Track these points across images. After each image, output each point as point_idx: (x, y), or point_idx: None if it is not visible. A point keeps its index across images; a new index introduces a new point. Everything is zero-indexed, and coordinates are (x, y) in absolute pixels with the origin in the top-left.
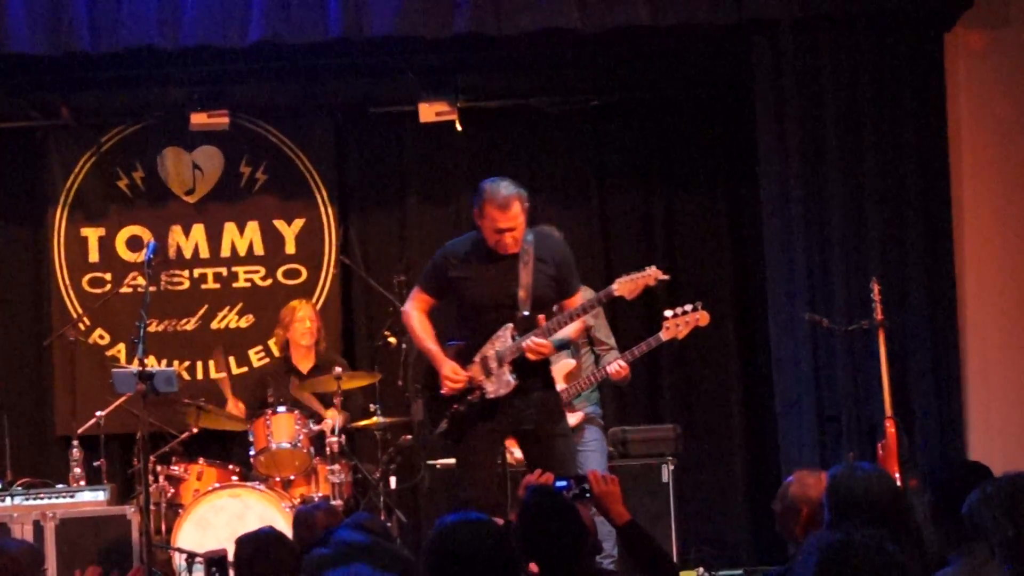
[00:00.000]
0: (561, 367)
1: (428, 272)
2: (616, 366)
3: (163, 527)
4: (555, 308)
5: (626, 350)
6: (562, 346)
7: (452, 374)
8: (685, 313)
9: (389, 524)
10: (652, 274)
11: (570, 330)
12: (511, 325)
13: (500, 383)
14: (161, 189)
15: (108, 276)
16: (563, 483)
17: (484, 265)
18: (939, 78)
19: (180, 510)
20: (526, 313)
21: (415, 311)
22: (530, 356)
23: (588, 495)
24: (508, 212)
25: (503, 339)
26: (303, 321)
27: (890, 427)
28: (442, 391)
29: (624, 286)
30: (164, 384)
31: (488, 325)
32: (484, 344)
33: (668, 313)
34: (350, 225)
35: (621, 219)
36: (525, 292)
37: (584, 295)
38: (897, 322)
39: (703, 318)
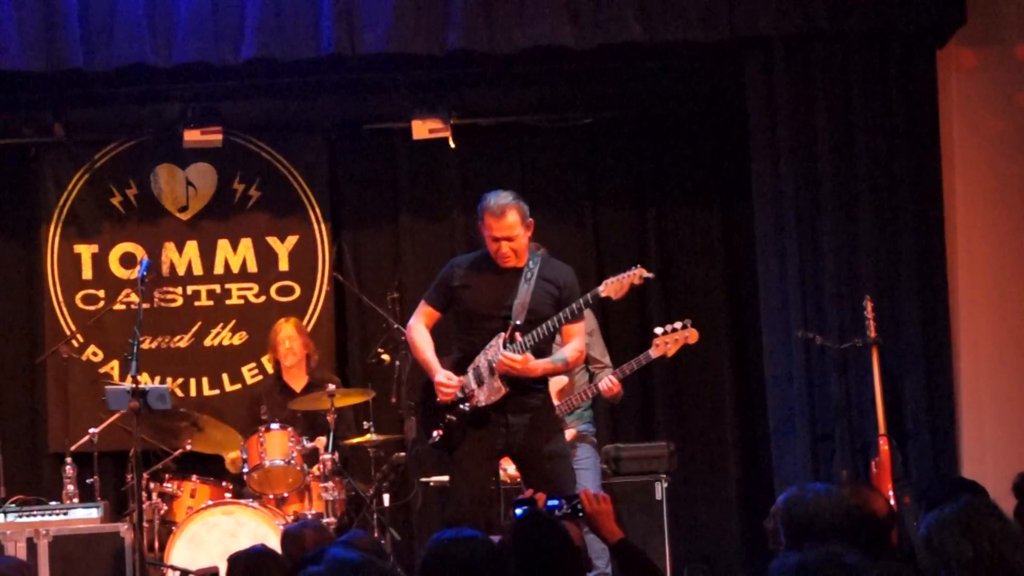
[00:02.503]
0: (554, 383)
1: (434, 284)
2: (607, 382)
3: (156, 544)
4: (557, 337)
5: (621, 365)
6: (562, 362)
7: (446, 380)
8: (675, 331)
9: (383, 542)
10: (637, 272)
11: (571, 350)
12: (503, 334)
13: (491, 390)
14: (154, 206)
15: (101, 293)
16: (554, 502)
17: (486, 276)
18: (932, 95)
19: (173, 527)
20: (519, 323)
21: (418, 324)
22: (498, 369)
23: (580, 514)
24: (503, 220)
25: (495, 348)
26: (283, 342)
27: (883, 445)
28: (438, 399)
29: (610, 287)
30: (157, 401)
31: (484, 335)
32: (479, 353)
33: (658, 330)
34: (343, 242)
35: (614, 236)
36: (522, 305)
37: (587, 323)
38: (890, 340)
39: (692, 336)
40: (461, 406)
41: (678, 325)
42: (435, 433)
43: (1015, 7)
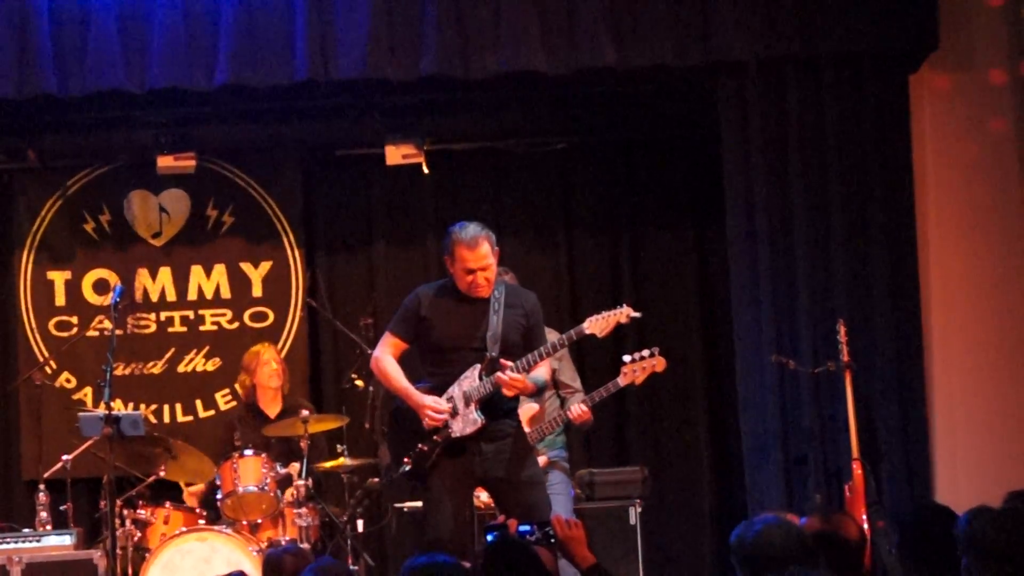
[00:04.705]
0: (525, 411)
1: (400, 315)
2: (578, 410)
3: (130, 571)
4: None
5: (590, 392)
6: (541, 387)
7: (436, 405)
8: (643, 359)
9: (356, 568)
10: (624, 312)
11: (543, 371)
12: (479, 365)
13: (466, 422)
14: (128, 232)
15: (75, 319)
16: (526, 528)
17: (455, 307)
18: (904, 120)
19: (147, 554)
20: (494, 355)
21: (386, 355)
22: (507, 392)
23: (552, 540)
24: (477, 250)
25: (471, 379)
26: (268, 364)
27: (857, 469)
28: (424, 424)
29: (595, 324)
30: (131, 428)
31: (456, 366)
32: (451, 385)
33: (627, 358)
34: (317, 268)
35: (588, 261)
36: (494, 336)
37: (549, 339)
38: (863, 364)
39: (660, 364)
40: (435, 436)
41: (646, 353)
42: (404, 463)
43: (987, 32)
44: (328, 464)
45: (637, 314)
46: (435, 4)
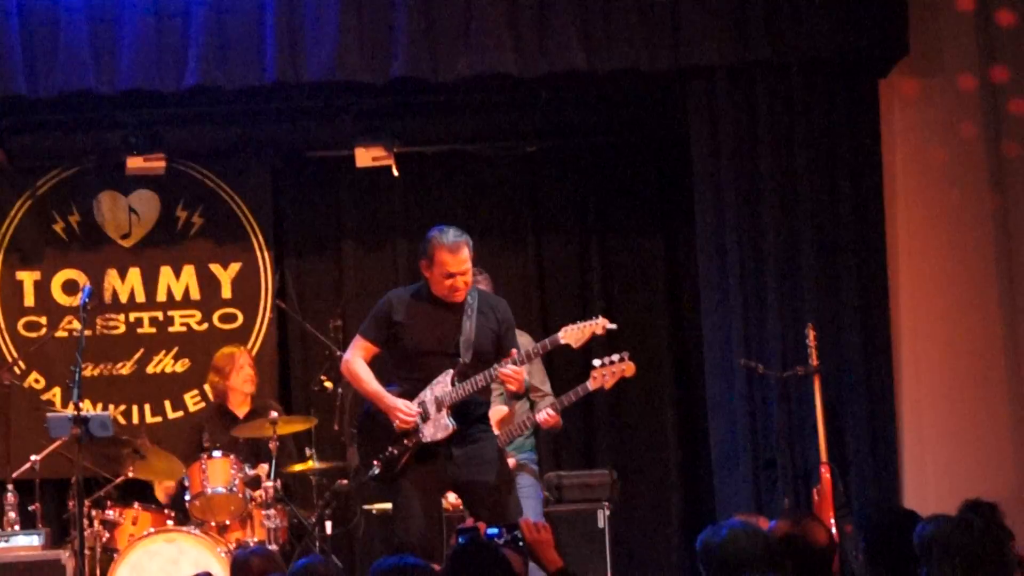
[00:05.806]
0: (495, 413)
1: (371, 320)
2: (545, 415)
3: (98, 572)
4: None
5: (559, 396)
6: (527, 389)
7: (406, 408)
8: (612, 363)
9: None
10: (600, 323)
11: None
12: (452, 371)
13: (438, 427)
14: (97, 233)
15: (43, 320)
16: (494, 531)
17: (429, 312)
18: (874, 125)
19: (115, 555)
20: (467, 361)
21: (357, 359)
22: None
23: (520, 543)
24: (458, 255)
25: (443, 384)
26: (244, 368)
27: (825, 473)
28: (396, 426)
29: (571, 335)
30: (99, 428)
31: (427, 371)
32: (422, 389)
33: (596, 363)
34: (286, 269)
35: (558, 264)
36: (467, 342)
37: (521, 342)
38: (832, 368)
39: (628, 369)
40: (405, 440)
41: (615, 357)
42: (374, 466)
43: (957, 38)
44: (297, 466)
45: (612, 326)
46: (405, 7)
